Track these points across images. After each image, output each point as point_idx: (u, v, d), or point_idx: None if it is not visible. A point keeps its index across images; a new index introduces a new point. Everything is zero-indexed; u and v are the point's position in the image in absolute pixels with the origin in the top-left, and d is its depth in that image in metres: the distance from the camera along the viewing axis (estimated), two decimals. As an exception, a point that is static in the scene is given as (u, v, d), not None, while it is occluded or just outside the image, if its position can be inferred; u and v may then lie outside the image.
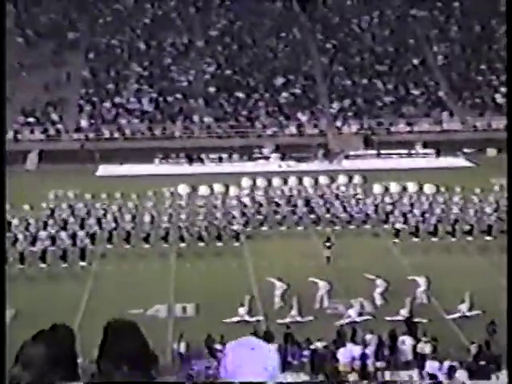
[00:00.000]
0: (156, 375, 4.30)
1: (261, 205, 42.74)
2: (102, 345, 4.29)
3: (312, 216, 41.83)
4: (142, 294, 31.43)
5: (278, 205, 42.89)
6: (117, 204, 42.64)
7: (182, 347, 26.50)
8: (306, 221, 41.57)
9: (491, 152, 60.30)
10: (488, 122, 63.46)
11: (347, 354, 25.08)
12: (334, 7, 77.60)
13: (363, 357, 25.53)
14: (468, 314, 28.49)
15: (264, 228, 41.01)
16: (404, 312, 28.15)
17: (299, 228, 41.08)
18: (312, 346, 26.07)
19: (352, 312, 28.87)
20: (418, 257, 36.22)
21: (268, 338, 25.91)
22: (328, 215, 41.58)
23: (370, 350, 26.02)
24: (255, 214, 41.80)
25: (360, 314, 29.23)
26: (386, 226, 40.39)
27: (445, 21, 75.51)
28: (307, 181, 47.00)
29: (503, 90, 66.01)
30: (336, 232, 39.11)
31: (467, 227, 38.78)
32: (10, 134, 60.73)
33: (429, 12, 76.20)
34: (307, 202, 42.97)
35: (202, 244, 38.12)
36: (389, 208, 41.41)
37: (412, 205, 41.39)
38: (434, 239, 38.59)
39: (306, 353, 25.95)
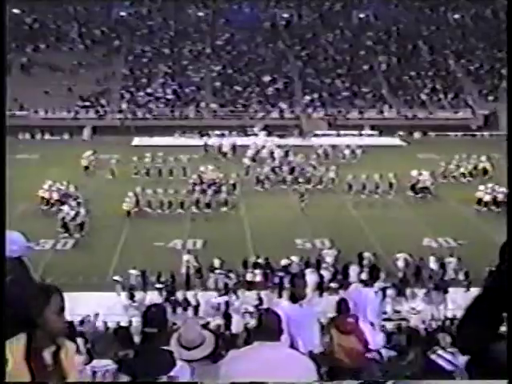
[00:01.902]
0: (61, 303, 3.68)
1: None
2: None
3: (291, 177, 41.28)
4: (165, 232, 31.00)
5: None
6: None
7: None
8: (287, 181, 40.96)
9: (417, 135, 60.42)
10: (415, 113, 63.44)
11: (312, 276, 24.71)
12: (308, 26, 77.08)
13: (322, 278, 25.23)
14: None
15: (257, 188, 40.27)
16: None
17: (283, 187, 40.40)
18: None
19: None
20: (364, 210, 35.85)
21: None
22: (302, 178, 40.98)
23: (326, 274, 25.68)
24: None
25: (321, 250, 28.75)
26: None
27: (387, 39, 75.16)
28: (290, 152, 46.49)
29: (426, 90, 66.10)
30: (308, 190, 38.48)
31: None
32: (71, 114, 60.66)
33: (375, 33, 75.89)
34: (292, 169, 42.35)
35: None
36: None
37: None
38: (375, 196, 38.20)
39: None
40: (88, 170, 44.32)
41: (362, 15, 79.30)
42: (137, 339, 7.05)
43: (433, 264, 26.10)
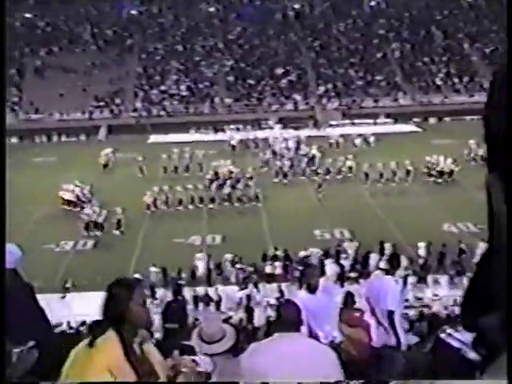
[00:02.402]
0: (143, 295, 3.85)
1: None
2: None
3: (309, 168, 41.26)
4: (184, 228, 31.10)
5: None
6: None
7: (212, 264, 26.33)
8: (306, 172, 40.94)
9: (432, 120, 60.23)
10: (430, 99, 63.10)
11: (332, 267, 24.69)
12: (319, 16, 76.80)
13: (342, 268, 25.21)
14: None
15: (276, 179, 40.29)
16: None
17: (301, 178, 40.34)
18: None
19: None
20: (382, 198, 35.70)
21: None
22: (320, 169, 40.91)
23: (346, 264, 25.69)
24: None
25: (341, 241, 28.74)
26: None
27: (399, 26, 74.69)
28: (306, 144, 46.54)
29: (441, 75, 65.69)
30: (326, 181, 38.42)
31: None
32: (86, 115, 60.90)
33: (387, 20, 75.47)
34: (311, 159, 42.36)
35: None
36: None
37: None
38: (392, 184, 38.07)
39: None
40: (107, 167, 44.63)
41: (373, 3, 78.89)
42: (158, 335, 7.08)
43: (464, 246, 25.83)
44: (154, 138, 54.72)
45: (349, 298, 7.86)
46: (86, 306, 23.74)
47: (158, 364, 3.69)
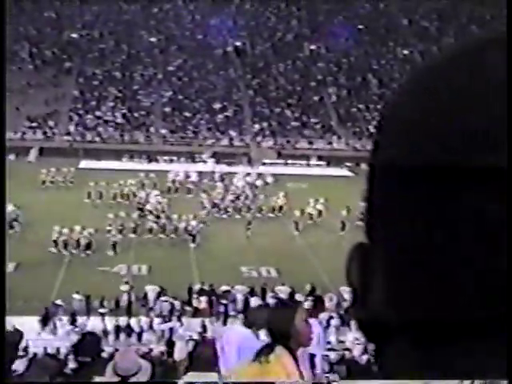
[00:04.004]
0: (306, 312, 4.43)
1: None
2: None
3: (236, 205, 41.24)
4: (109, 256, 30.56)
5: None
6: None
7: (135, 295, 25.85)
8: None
9: (364, 166, 60.87)
10: (363, 145, 64.12)
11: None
12: (260, 55, 77.65)
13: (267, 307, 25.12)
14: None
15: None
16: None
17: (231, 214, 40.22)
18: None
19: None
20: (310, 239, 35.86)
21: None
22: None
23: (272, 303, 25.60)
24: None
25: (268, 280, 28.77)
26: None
27: (337, 71, 76.11)
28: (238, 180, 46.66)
29: (374, 123, 66.73)
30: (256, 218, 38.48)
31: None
32: (18, 135, 59.82)
33: (326, 64, 76.82)
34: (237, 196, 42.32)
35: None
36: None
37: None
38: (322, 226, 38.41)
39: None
40: (44, 184, 44.43)
41: (313, 47, 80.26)
42: (72, 366, 6.84)
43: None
44: (85, 164, 53.89)
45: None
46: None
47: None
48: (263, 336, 8.28)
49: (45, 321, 23.49)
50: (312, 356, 7.83)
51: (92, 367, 4.47)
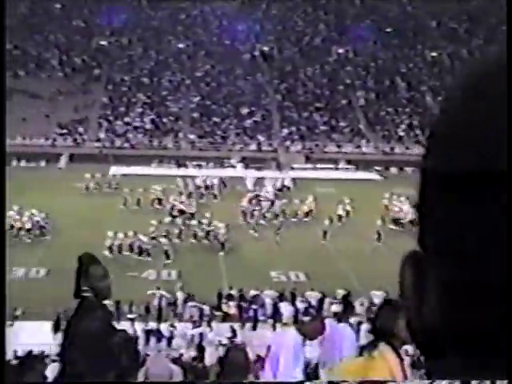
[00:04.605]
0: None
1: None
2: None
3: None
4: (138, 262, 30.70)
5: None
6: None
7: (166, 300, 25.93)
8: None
9: (394, 170, 60.86)
10: (392, 148, 63.88)
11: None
12: (287, 60, 77.62)
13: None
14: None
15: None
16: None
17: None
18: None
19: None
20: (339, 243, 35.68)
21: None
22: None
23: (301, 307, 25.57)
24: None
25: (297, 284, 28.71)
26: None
27: (365, 75, 75.87)
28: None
29: (403, 126, 66.68)
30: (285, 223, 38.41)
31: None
32: (48, 142, 60.40)
33: (354, 68, 76.64)
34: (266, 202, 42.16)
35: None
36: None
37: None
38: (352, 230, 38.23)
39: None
40: (88, 190, 45.43)
41: (341, 50, 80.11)
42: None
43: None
44: (115, 170, 54.21)
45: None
46: (33, 335, 23.28)
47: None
48: (311, 347, 8.30)
49: (57, 326, 23.61)
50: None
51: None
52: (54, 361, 17.61)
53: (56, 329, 23.58)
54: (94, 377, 3.98)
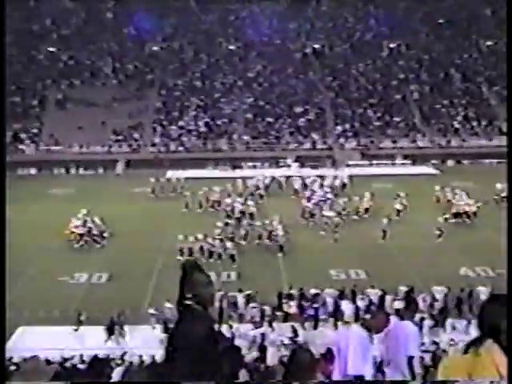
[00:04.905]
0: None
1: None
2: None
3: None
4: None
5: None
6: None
7: (226, 301, 26.05)
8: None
9: (451, 163, 60.12)
10: (448, 141, 63.00)
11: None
12: (339, 56, 77.23)
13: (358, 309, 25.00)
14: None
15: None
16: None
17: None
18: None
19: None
20: (398, 239, 35.30)
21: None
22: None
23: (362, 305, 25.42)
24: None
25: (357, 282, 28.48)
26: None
27: (418, 68, 74.97)
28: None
29: (459, 118, 65.65)
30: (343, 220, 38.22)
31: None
32: (105, 148, 61.35)
33: (407, 62, 75.80)
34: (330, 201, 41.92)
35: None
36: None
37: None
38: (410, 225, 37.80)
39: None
40: (154, 193, 46.25)
41: (392, 45, 79.31)
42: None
43: (483, 295, 25.36)
44: (171, 174, 54.76)
45: (327, 355, 7.86)
46: (98, 339, 23.68)
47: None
48: (375, 341, 8.25)
49: (110, 330, 23.94)
50: (410, 359, 7.77)
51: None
52: (118, 365, 17.92)
53: (110, 333, 23.96)
54: None
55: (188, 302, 4.43)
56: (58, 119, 63.85)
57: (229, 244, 32.54)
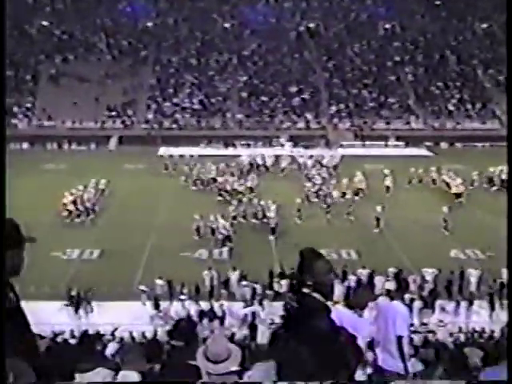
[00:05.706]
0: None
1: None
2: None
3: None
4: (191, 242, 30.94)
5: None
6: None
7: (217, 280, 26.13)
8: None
9: (444, 145, 60.21)
10: (442, 123, 63.04)
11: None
12: (334, 37, 76.96)
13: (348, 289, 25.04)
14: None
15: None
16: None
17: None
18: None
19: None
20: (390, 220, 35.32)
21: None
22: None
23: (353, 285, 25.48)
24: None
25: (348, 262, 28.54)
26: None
27: (413, 49, 74.79)
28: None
29: (454, 101, 65.63)
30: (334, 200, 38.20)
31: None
32: (98, 124, 61.18)
33: (402, 43, 75.60)
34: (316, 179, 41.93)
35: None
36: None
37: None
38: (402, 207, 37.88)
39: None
40: (167, 170, 46.07)
41: (388, 26, 79.06)
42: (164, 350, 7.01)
43: (473, 278, 25.62)
44: (163, 151, 54.68)
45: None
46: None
47: None
48: (366, 315, 8.29)
49: (77, 305, 24.05)
50: (399, 338, 7.82)
51: (185, 352, 4.58)
52: (109, 340, 17.96)
53: (76, 309, 24.02)
54: (325, 377, 4.02)
55: (306, 290, 4.37)
56: (51, 94, 63.56)
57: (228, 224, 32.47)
